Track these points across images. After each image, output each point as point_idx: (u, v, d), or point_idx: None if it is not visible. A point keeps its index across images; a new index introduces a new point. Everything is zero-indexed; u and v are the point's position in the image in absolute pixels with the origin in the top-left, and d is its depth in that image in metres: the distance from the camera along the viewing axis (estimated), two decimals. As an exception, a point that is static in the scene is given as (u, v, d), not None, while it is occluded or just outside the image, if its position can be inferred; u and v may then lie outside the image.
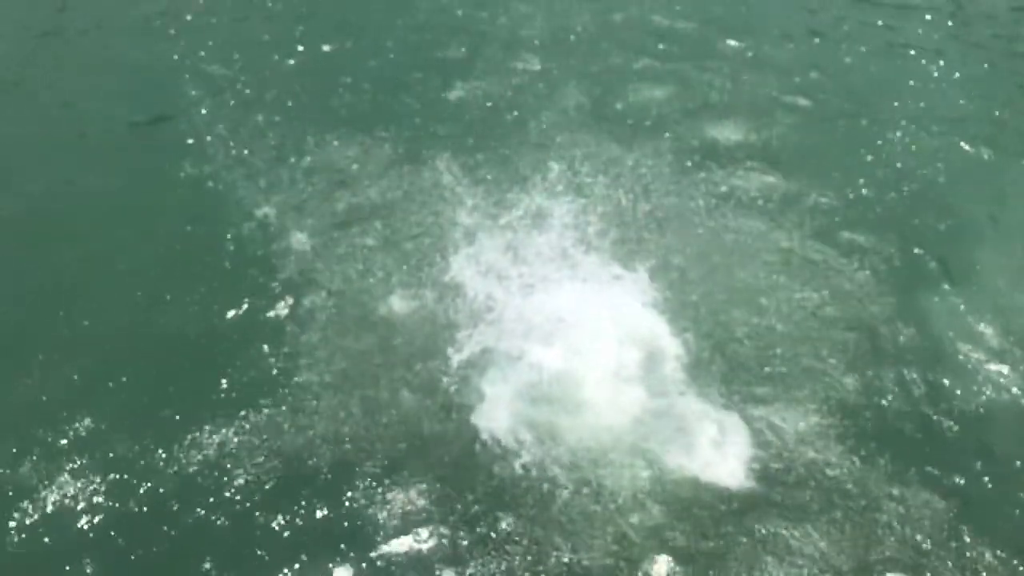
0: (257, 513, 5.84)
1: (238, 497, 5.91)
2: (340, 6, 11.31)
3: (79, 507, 5.84)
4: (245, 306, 7.21)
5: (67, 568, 5.52)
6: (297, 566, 5.57)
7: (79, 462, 6.09)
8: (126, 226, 7.98)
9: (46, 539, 5.68)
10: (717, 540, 5.76)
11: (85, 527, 5.74)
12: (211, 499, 5.89)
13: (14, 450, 6.15)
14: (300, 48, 10.46)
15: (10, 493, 5.91)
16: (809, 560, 5.69)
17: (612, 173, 8.76)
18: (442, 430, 6.36)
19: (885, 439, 6.44)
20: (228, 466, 6.09)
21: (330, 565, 5.59)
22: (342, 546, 5.68)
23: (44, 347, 6.84)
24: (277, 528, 5.77)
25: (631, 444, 6.22)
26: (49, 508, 5.83)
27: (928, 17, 11.88)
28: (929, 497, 6.07)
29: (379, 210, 8.20)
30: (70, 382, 6.61)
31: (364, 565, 5.61)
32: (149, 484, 5.97)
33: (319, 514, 5.85)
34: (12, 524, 5.74)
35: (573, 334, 6.84)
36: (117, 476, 6.02)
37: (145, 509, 5.85)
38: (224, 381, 6.63)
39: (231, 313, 7.17)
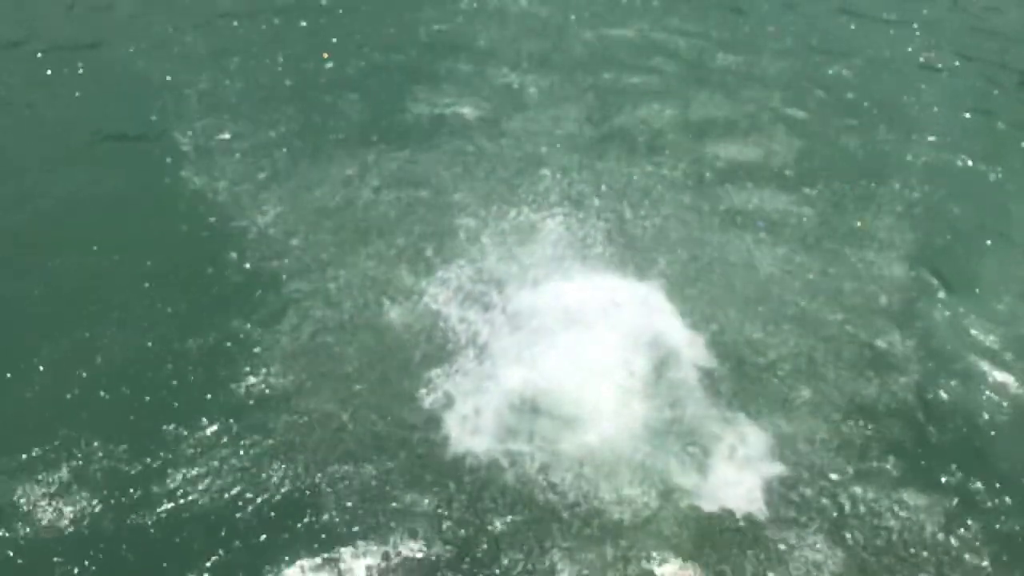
0: (254, 522, 5.82)
1: (234, 507, 5.89)
2: (343, 24, 11.37)
3: (74, 519, 5.80)
4: (246, 320, 7.19)
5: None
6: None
7: (75, 474, 6.06)
8: (126, 240, 7.97)
9: (40, 551, 5.64)
10: (720, 548, 5.74)
11: (81, 538, 5.71)
12: (207, 509, 5.87)
13: (10, 461, 6.11)
14: (302, 64, 10.51)
15: (5, 505, 5.86)
16: (814, 568, 5.66)
17: (616, 187, 8.79)
18: (440, 441, 6.33)
19: (889, 448, 6.47)
20: (223, 477, 6.06)
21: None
22: (336, 558, 5.65)
23: (44, 358, 6.82)
24: (274, 537, 5.75)
25: (636, 453, 6.23)
26: (44, 521, 5.79)
27: (927, 32, 11.94)
28: (933, 504, 6.07)
29: (377, 224, 8.20)
30: (69, 393, 6.58)
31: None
32: (147, 496, 5.94)
33: (315, 525, 5.83)
34: (8, 537, 5.70)
35: (574, 343, 6.85)
36: (113, 488, 5.99)
37: (143, 521, 5.81)
38: (222, 393, 6.62)
39: (230, 326, 7.14)
